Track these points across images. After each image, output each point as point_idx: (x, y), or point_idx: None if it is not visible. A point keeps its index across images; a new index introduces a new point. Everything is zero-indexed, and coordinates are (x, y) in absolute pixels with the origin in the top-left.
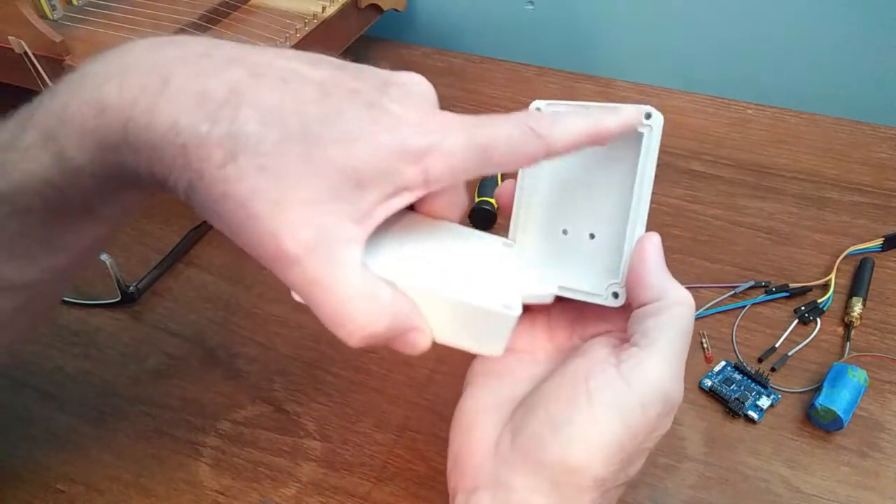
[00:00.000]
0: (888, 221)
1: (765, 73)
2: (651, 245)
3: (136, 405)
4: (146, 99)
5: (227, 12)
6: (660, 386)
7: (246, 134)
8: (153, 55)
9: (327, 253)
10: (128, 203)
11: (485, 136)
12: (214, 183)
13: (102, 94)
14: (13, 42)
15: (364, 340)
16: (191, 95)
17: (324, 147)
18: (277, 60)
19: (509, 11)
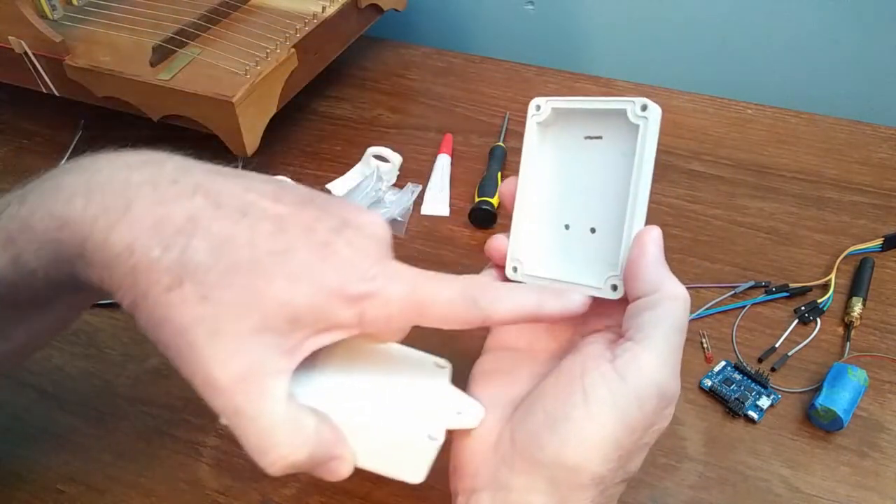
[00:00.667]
0: (888, 221)
1: (765, 73)
2: (650, 238)
3: (136, 405)
4: (107, 220)
5: (227, 12)
6: (655, 379)
7: (195, 262)
8: (123, 176)
9: (254, 385)
10: (77, 303)
11: (425, 295)
12: (157, 306)
13: (67, 210)
14: (13, 42)
15: (285, 469)
16: (149, 220)
17: (267, 282)
18: (241, 191)
19: (509, 11)
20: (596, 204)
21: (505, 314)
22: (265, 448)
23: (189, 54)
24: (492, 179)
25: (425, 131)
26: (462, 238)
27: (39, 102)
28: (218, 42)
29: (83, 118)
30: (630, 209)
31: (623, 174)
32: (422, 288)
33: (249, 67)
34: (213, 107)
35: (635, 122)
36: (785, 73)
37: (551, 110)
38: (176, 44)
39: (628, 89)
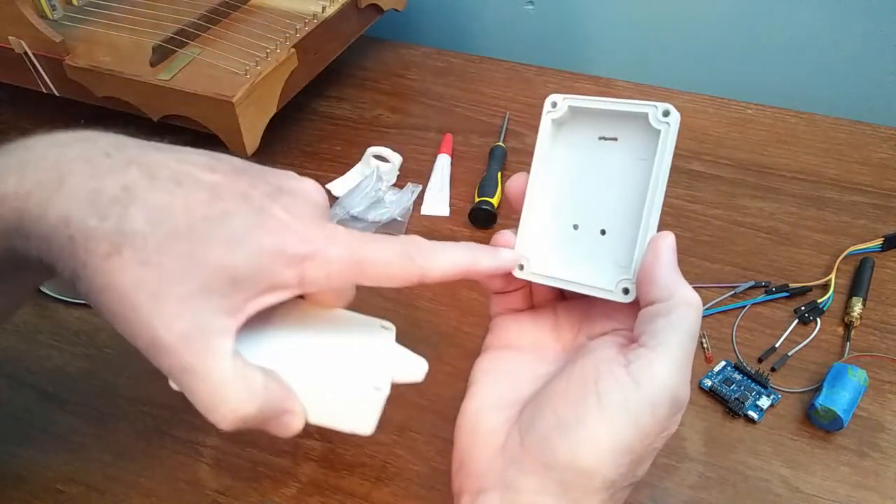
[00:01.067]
0: (888, 221)
1: (765, 73)
2: (665, 244)
3: (136, 405)
4: (41, 194)
5: (227, 12)
6: (669, 386)
7: (132, 230)
8: (55, 152)
9: (200, 343)
10: (22, 282)
11: (363, 253)
12: (97, 273)
13: (1, 187)
14: (13, 42)
15: (235, 423)
16: (84, 192)
17: (206, 246)
18: (175, 163)
19: (509, 11)
20: (607, 206)
21: (441, 270)
22: (215, 403)
23: (189, 54)
24: (492, 179)
25: (425, 131)
26: (462, 238)
27: (39, 102)
28: (218, 42)
29: (83, 118)
30: (646, 213)
31: (638, 178)
32: (360, 248)
33: (249, 67)
34: (213, 107)
35: (657, 126)
36: (785, 73)
37: (568, 108)
38: (176, 44)
39: (628, 89)
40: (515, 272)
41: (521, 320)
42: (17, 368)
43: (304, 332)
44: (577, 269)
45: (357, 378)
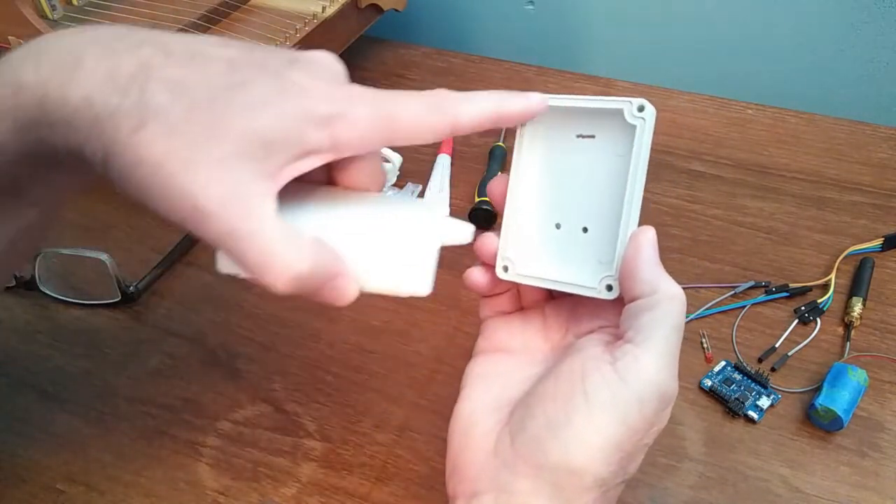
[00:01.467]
0: (888, 221)
1: (765, 73)
2: (645, 239)
3: (136, 405)
4: (60, 76)
5: (227, 12)
6: (656, 381)
7: (155, 103)
8: (68, 39)
9: (242, 205)
10: (55, 185)
11: (393, 108)
12: (127, 149)
13: (19, 75)
14: (13, 42)
15: (291, 284)
16: (102, 71)
17: (231, 114)
18: (188, 41)
19: (509, 11)
20: (588, 203)
21: (470, 116)
22: (267, 262)
23: None
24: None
25: None
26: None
27: None
28: None
29: None
30: (626, 209)
31: (616, 174)
32: (388, 103)
33: None
34: None
35: (632, 122)
36: (785, 73)
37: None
38: None
39: (628, 89)
40: (500, 273)
41: (510, 322)
42: (17, 368)
43: (345, 205)
44: (560, 269)
45: (407, 238)
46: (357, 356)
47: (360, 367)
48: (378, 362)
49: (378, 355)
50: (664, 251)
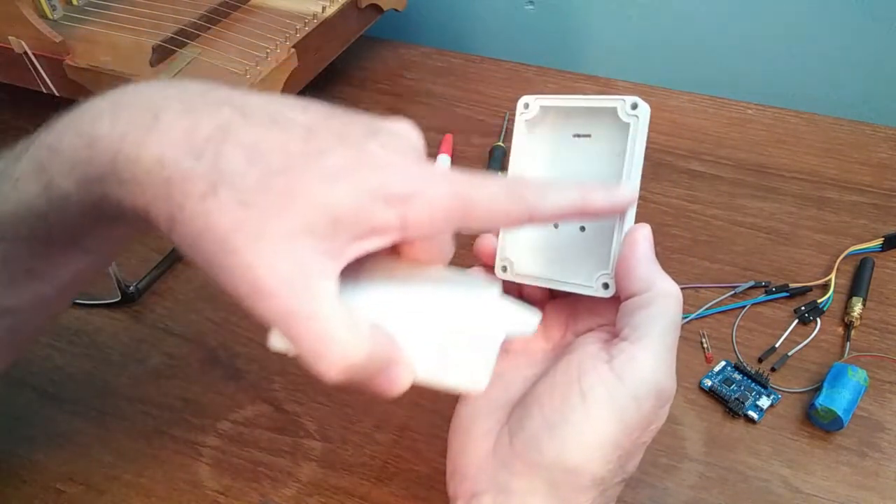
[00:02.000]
0: (888, 221)
1: (765, 73)
2: (641, 236)
3: (136, 405)
4: (135, 133)
5: (227, 12)
6: (653, 379)
7: (229, 169)
8: (147, 94)
9: (304, 285)
10: (112, 237)
11: (470, 191)
12: (195, 216)
13: (94, 128)
14: (13, 42)
15: (345, 372)
16: (179, 131)
17: (304, 184)
18: (268, 104)
19: (509, 11)
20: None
21: (552, 208)
22: (323, 349)
23: (189, 54)
24: None
25: (425, 131)
26: (462, 238)
27: (39, 102)
28: (218, 42)
29: None
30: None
31: (612, 172)
32: (465, 185)
33: (249, 67)
34: None
35: (626, 120)
36: (785, 72)
37: (539, 108)
38: (176, 44)
39: (628, 89)
40: (499, 273)
41: None
42: (17, 368)
43: (404, 285)
44: (558, 268)
45: (468, 330)
46: None
47: None
48: None
49: None
50: (664, 251)
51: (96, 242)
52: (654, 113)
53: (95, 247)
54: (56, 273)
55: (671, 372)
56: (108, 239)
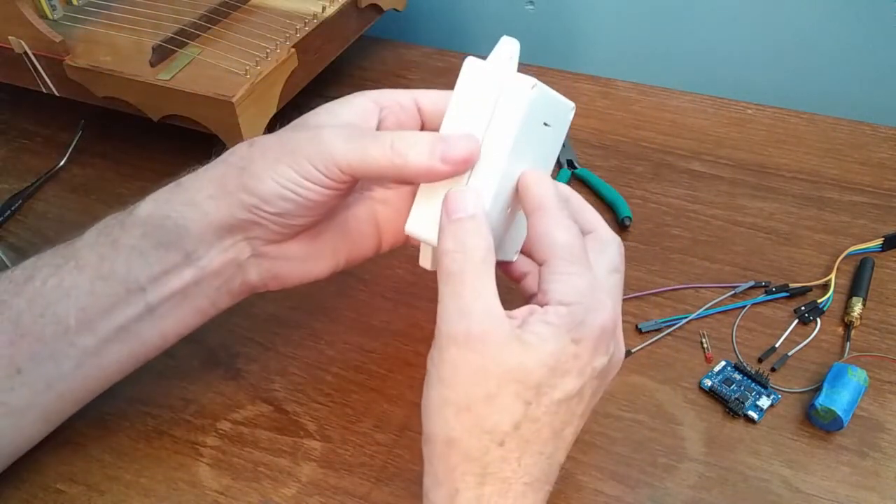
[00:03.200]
0: (888, 221)
1: (765, 73)
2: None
3: (135, 405)
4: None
5: (227, 12)
6: (444, 331)
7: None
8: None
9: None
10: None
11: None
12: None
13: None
14: (13, 42)
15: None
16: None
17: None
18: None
19: (509, 11)
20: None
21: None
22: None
23: (189, 54)
24: None
25: None
26: None
27: (39, 102)
28: (218, 42)
29: (83, 118)
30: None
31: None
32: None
33: (249, 67)
34: (213, 107)
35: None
36: (785, 73)
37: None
38: (176, 44)
39: (628, 89)
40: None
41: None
42: None
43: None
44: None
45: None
46: (357, 356)
47: (360, 367)
48: (378, 362)
49: (378, 355)
50: (664, 251)
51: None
52: (654, 113)
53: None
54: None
55: (466, 314)
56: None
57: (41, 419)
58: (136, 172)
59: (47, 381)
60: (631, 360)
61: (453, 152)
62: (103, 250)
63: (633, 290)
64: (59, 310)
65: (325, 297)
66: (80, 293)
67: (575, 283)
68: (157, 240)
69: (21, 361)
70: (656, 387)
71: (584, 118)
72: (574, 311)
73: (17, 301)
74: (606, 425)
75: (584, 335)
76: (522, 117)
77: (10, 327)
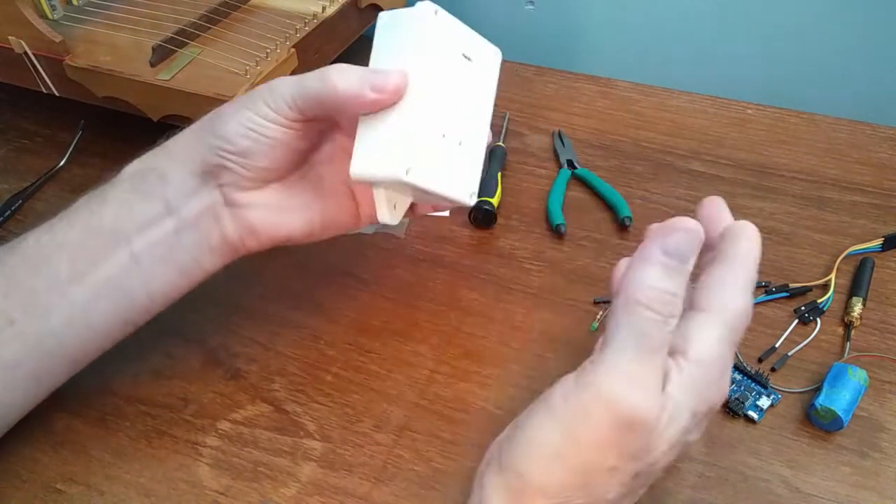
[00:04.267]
0: (888, 221)
1: (765, 73)
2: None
3: (136, 405)
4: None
5: (227, 12)
6: (606, 391)
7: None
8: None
9: None
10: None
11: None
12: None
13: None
14: (13, 42)
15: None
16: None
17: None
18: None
19: (509, 11)
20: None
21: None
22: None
23: (189, 54)
24: (492, 180)
25: None
26: (462, 238)
27: (39, 102)
28: (218, 42)
29: (83, 118)
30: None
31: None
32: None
33: (249, 67)
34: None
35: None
36: (785, 73)
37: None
38: (176, 44)
39: (628, 89)
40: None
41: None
42: None
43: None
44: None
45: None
46: (357, 356)
47: (360, 367)
48: (378, 362)
49: (378, 355)
50: None
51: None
52: (654, 113)
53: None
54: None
55: (646, 388)
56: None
57: (32, 377)
58: None
59: (38, 335)
60: None
61: (381, 80)
62: (93, 206)
63: None
64: (51, 262)
65: (325, 297)
66: (71, 246)
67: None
68: (141, 192)
69: (14, 313)
70: None
71: (584, 118)
72: (706, 375)
73: (10, 258)
74: None
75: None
76: (431, 39)
77: (4, 281)
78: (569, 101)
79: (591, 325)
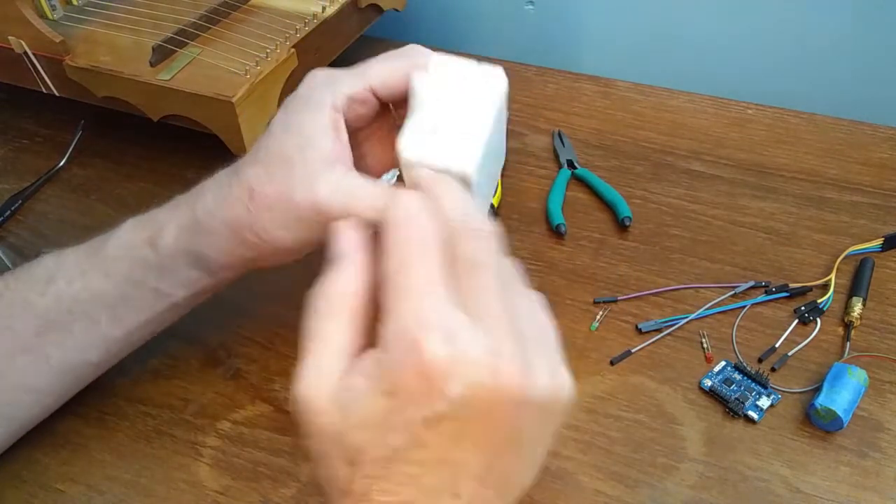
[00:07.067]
0: (888, 221)
1: (765, 73)
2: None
3: (136, 405)
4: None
5: (227, 12)
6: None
7: None
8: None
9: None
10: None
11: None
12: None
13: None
14: (13, 42)
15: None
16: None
17: None
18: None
19: (509, 11)
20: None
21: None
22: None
23: (189, 54)
24: None
25: None
26: None
27: (39, 102)
28: (218, 42)
29: (83, 118)
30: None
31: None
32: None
33: (249, 67)
34: (213, 107)
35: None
36: (785, 73)
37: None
38: (176, 44)
39: (628, 89)
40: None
41: None
42: None
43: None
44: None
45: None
46: None
47: None
48: None
49: None
50: (664, 251)
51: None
52: (654, 113)
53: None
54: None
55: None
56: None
57: (59, 395)
58: (136, 172)
59: (75, 370)
60: (631, 360)
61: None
62: (133, 265)
63: (633, 290)
64: (88, 308)
65: None
66: (110, 297)
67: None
68: (184, 263)
69: (50, 350)
70: (656, 387)
71: (584, 118)
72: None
73: (42, 300)
74: (606, 425)
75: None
76: (501, 100)
77: (36, 321)
78: (569, 102)
79: (590, 325)
